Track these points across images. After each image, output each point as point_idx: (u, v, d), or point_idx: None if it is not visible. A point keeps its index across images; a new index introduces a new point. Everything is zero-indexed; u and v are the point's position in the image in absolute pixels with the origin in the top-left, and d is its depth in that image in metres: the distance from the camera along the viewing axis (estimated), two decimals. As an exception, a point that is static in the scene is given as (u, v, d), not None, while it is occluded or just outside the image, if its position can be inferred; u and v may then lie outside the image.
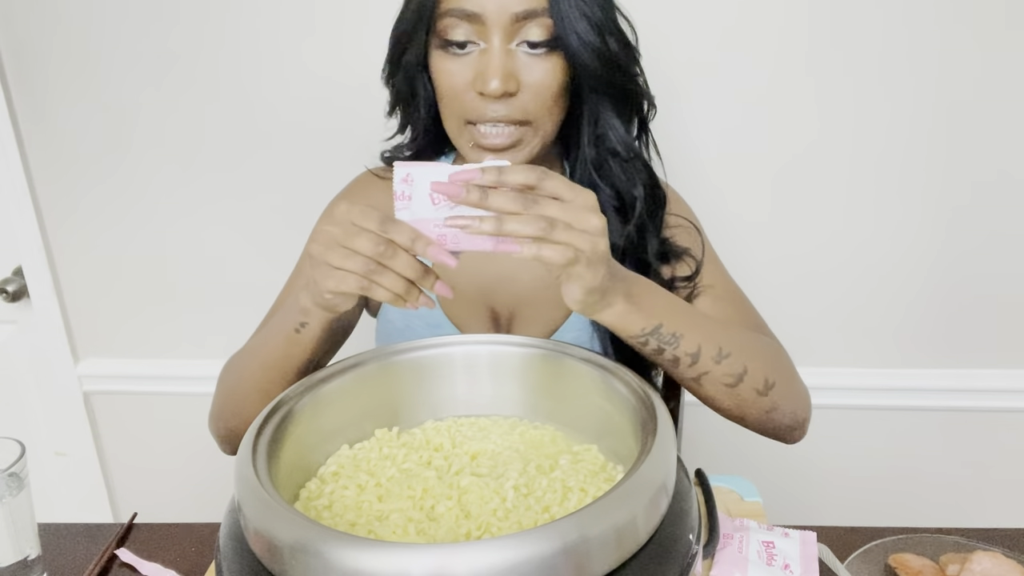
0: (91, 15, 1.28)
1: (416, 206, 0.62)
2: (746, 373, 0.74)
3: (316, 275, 0.65)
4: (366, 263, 0.62)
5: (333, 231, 0.63)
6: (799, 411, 0.82)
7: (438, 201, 0.62)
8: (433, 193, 0.62)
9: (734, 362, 0.73)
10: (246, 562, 0.52)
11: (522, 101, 0.77)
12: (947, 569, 0.72)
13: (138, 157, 1.37)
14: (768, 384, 0.76)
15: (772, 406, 0.78)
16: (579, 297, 0.63)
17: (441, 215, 0.62)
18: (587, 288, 0.62)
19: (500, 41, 0.75)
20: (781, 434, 0.83)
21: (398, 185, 0.62)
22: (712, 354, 0.72)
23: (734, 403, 0.76)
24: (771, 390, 0.77)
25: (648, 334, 0.68)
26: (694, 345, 0.71)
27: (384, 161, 0.95)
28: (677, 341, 0.70)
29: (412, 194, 0.62)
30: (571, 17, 0.74)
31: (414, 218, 0.63)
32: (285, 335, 0.75)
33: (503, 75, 0.75)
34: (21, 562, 0.74)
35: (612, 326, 0.68)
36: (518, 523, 0.57)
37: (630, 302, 0.67)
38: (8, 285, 1.45)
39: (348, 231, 0.62)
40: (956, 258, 1.30)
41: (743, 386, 0.75)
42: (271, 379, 0.77)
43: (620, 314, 0.66)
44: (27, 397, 1.56)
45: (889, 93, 1.22)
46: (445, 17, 0.76)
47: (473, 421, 0.74)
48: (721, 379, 0.73)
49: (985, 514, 1.43)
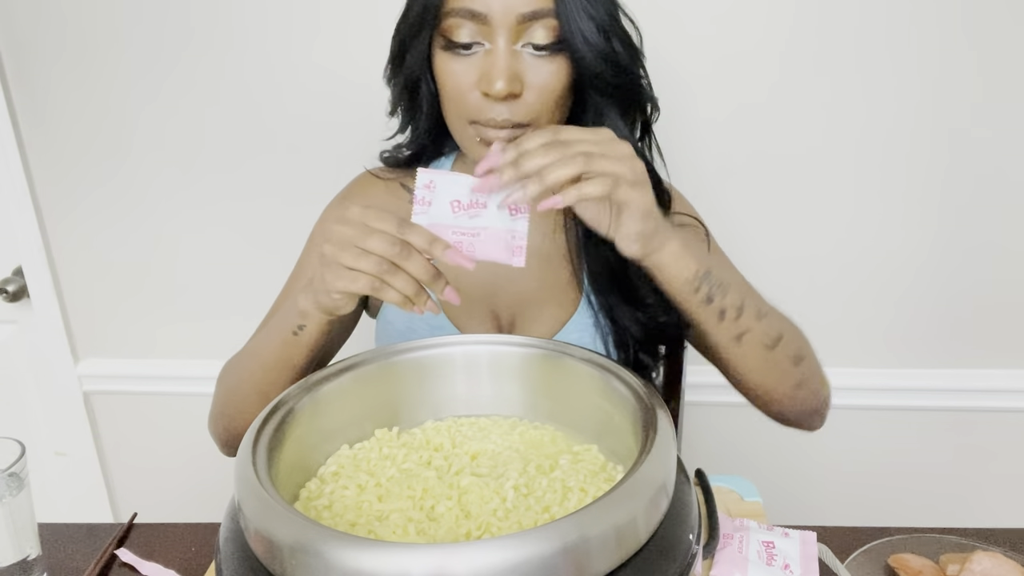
0: (92, 15, 1.28)
1: (435, 211, 0.65)
2: (781, 338, 0.74)
3: (327, 275, 0.65)
4: (379, 263, 0.63)
5: (347, 231, 0.64)
6: (821, 391, 0.82)
7: (458, 209, 0.64)
8: (454, 201, 0.63)
9: (771, 324, 0.74)
10: (246, 562, 0.52)
11: (526, 102, 0.77)
12: (947, 569, 0.72)
13: (138, 157, 1.37)
14: (799, 355, 0.77)
15: (800, 380, 0.78)
16: (637, 228, 0.65)
17: (460, 223, 0.64)
18: (642, 212, 0.64)
19: (505, 42, 0.74)
20: (804, 418, 0.83)
21: (420, 191, 0.64)
22: (753, 311, 0.72)
23: (767, 371, 0.76)
24: (801, 363, 0.77)
25: (701, 278, 0.69)
26: (738, 298, 0.71)
27: (383, 161, 0.95)
28: (725, 291, 0.70)
29: (432, 200, 0.65)
30: (577, 18, 0.74)
31: (431, 223, 0.65)
32: (283, 337, 0.75)
33: (508, 76, 0.74)
34: (21, 562, 0.74)
35: (667, 268, 0.68)
36: (518, 523, 0.57)
37: (683, 243, 0.68)
38: (8, 285, 1.45)
39: (363, 232, 0.63)
40: (956, 259, 1.30)
41: (779, 351, 0.74)
42: (270, 381, 0.77)
43: (676, 254, 0.67)
44: (27, 397, 1.56)
45: (894, 94, 1.22)
46: (450, 17, 0.75)
47: (473, 421, 0.74)
48: (761, 338, 0.73)
49: (985, 514, 1.43)
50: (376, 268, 0.63)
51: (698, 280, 0.69)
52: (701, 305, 0.71)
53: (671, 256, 0.68)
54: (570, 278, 0.90)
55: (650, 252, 0.67)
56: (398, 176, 0.94)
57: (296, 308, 0.72)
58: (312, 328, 0.73)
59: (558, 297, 0.89)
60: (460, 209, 0.64)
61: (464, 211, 0.64)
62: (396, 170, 0.95)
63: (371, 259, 0.63)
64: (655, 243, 0.67)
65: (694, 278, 0.69)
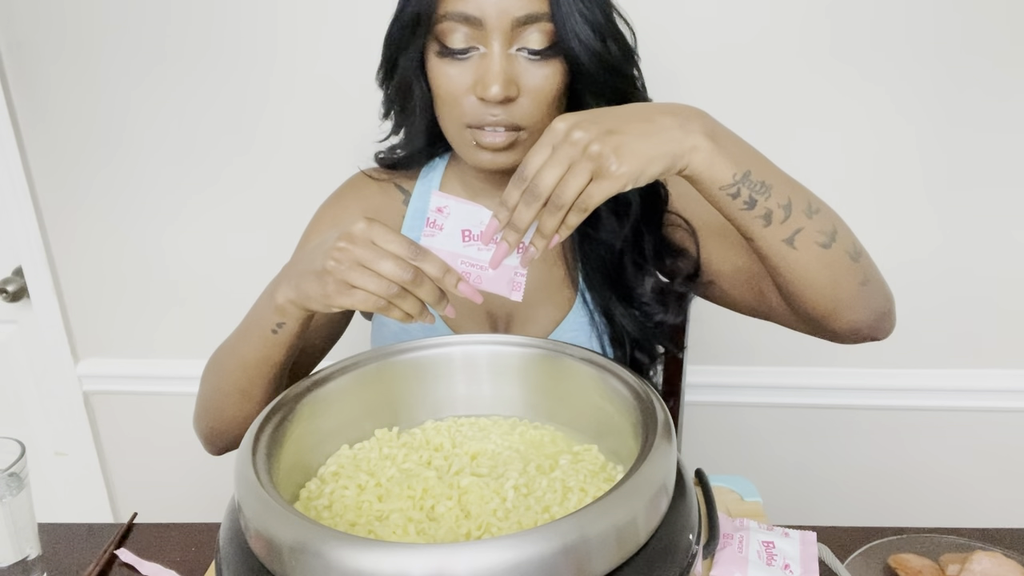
0: (92, 15, 1.28)
1: (445, 238, 0.65)
2: (837, 232, 0.68)
3: (329, 289, 0.64)
4: (389, 287, 0.62)
5: (355, 251, 0.63)
6: (885, 288, 0.76)
7: (468, 239, 0.64)
8: (466, 230, 0.64)
9: (824, 218, 0.67)
10: (246, 562, 0.52)
11: (522, 105, 0.76)
12: (947, 569, 0.72)
13: (139, 158, 1.37)
14: (857, 249, 0.71)
15: (865, 276, 0.71)
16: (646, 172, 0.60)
17: (470, 253, 0.65)
18: (634, 158, 0.59)
19: (500, 46, 0.74)
20: (877, 324, 0.76)
21: (431, 214, 0.64)
22: (803, 207, 0.66)
23: (829, 272, 0.69)
24: (860, 256, 0.71)
25: (739, 182, 0.63)
26: (784, 196, 0.65)
27: (377, 162, 0.95)
28: (768, 190, 0.64)
29: (444, 225, 0.65)
30: (572, 21, 0.73)
31: (439, 248, 0.65)
32: (262, 337, 0.74)
33: (504, 81, 0.74)
34: (21, 562, 0.74)
35: (701, 176, 0.62)
36: (518, 523, 0.57)
37: (714, 140, 0.61)
38: (8, 285, 1.45)
39: (374, 253, 0.62)
40: (956, 259, 1.30)
41: (836, 247, 0.68)
42: (250, 379, 0.77)
43: (707, 158, 0.61)
44: (27, 397, 1.56)
45: (895, 95, 1.22)
46: (444, 21, 0.75)
47: (473, 421, 0.74)
48: (815, 237, 0.67)
49: (985, 514, 1.43)
50: (386, 291, 0.62)
51: (736, 184, 0.63)
52: (744, 209, 0.64)
53: (702, 161, 0.61)
54: (565, 277, 0.89)
55: (677, 163, 0.61)
56: (393, 177, 0.94)
57: (274, 305, 0.71)
58: (291, 325, 0.72)
59: (553, 296, 0.89)
60: (471, 239, 0.65)
61: (475, 242, 0.65)
62: (390, 171, 0.94)
63: (381, 282, 0.62)
64: (679, 153, 0.61)
65: (732, 182, 0.62)
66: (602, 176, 0.59)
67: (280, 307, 0.70)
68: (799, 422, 1.41)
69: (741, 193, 0.63)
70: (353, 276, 0.63)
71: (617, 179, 0.59)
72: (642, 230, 0.85)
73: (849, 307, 0.72)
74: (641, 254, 0.85)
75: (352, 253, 0.63)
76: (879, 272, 0.75)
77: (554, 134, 0.60)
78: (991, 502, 1.43)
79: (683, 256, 0.86)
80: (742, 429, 1.42)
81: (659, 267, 0.86)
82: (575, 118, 0.61)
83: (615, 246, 0.84)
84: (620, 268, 0.84)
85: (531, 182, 0.60)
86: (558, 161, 0.59)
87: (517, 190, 0.61)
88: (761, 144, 0.66)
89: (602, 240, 0.85)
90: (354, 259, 0.63)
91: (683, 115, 0.62)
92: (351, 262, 0.63)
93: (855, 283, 0.71)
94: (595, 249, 0.86)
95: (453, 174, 0.92)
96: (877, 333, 0.78)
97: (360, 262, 0.63)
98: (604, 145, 0.59)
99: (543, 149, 0.60)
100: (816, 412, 1.41)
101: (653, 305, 0.85)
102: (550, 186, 0.59)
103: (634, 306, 0.85)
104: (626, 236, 0.84)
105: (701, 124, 0.62)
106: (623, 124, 0.60)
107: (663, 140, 0.60)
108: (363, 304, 0.64)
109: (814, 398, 1.39)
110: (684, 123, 0.61)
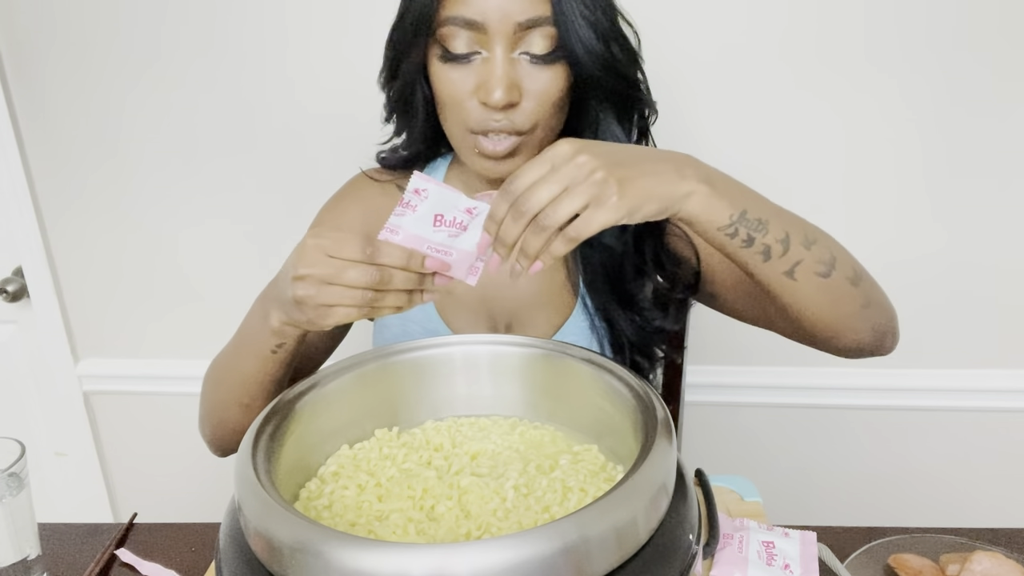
0: (91, 15, 1.28)
1: (415, 219, 0.63)
2: (836, 260, 0.69)
3: (310, 315, 0.64)
4: (364, 294, 0.62)
5: (315, 271, 0.62)
6: (887, 303, 0.78)
7: (439, 224, 0.63)
8: (438, 215, 0.62)
9: (822, 248, 0.68)
10: (246, 562, 0.52)
11: (525, 109, 0.76)
12: (947, 569, 0.72)
13: (139, 158, 1.37)
14: (857, 273, 0.72)
15: (866, 299, 0.73)
16: (641, 210, 0.59)
17: (438, 239, 0.63)
18: (633, 193, 0.58)
19: (503, 50, 0.73)
20: (879, 341, 0.78)
21: (408, 195, 0.63)
22: (800, 239, 0.67)
23: (830, 300, 0.70)
24: (860, 280, 0.72)
25: (736, 221, 0.63)
26: (781, 231, 0.66)
27: (379, 162, 0.95)
28: (765, 227, 0.65)
29: (418, 207, 0.63)
30: (575, 24, 0.73)
31: (406, 228, 0.63)
32: (261, 357, 0.74)
33: (506, 85, 0.73)
34: (21, 562, 0.74)
35: (698, 219, 0.63)
36: (518, 523, 0.57)
37: (709, 184, 0.62)
38: (8, 285, 1.45)
39: (334, 267, 0.61)
40: (957, 259, 1.30)
41: (836, 275, 0.69)
42: (251, 393, 0.77)
43: (703, 201, 0.62)
44: (27, 397, 1.56)
45: (895, 96, 1.22)
46: (445, 25, 0.74)
47: (473, 421, 0.74)
48: (814, 267, 0.68)
49: (985, 514, 1.43)
50: (362, 299, 0.62)
51: (734, 224, 0.63)
52: (742, 247, 0.65)
53: (699, 204, 0.62)
54: (565, 281, 0.89)
55: (675, 206, 0.61)
56: (394, 178, 0.94)
57: (269, 328, 0.70)
58: (290, 344, 0.72)
59: (554, 300, 0.89)
60: (441, 225, 0.63)
61: (445, 228, 0.63)
62: (392, 171, 0.94)
63: (355, 293, 0.62)
64: (675, 198, 0.61)
65: (729, 222, 0.63)
66: (600, 205, 0.58)
67: (277, 331, 0.70)
68: (799, 422, 1.41)
69: (739, 232, 0.64)
70: (325, 297, 0.62)
71: (614, 211, 0.58)
72: (643, 236, 0.85)
73: (851, 328, 0.74)
74: (642, 260, 0.85)
75: (315, 275, 0.62)
76: (881, 292, 0.77)
77: (557, 153, 0.59)
78: (991, 502, 1.43)
79: (683, 264, 0.87)
80: (742, 429, 1.42)
81: (660, 274, 0.86)
82: (583, 144, 0.60)
83: (616, 251, 0.84)
84: (621, 273, 0.84)
85: (521, 196, 0.58)
86: (556, 180, 0.58)
87: (505, 203, 0.60)
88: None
89: (603, 245, 0.85)
90: (319, 280, 0.62)
91: (678, 162, 0.63)
92: (318, 284, 0.62)
93: (856, 307, 0.72)
94: (596, 254, 0.85)
95: (455, 174, 0.92)
96: (880, 350, 0.81)
97: (325, 280, 0.62)
98: (610, 174, 0.58)
99: (541, 165, 0.59)
100: (816, 412, 1.41)
101: (653, 311, 0.85)
102: (541, 203, 0.58)
103: (634, 311, 0.85)
104: (627, 241, 0.84)
105: (695, 170, 0.63)
106: (629, 159, 0.60)
107: (662, 182, 0.61)
108: (348, 317, 0.63)
109: (814, 398, 1.39)
110: (680, 168, 0.62)
